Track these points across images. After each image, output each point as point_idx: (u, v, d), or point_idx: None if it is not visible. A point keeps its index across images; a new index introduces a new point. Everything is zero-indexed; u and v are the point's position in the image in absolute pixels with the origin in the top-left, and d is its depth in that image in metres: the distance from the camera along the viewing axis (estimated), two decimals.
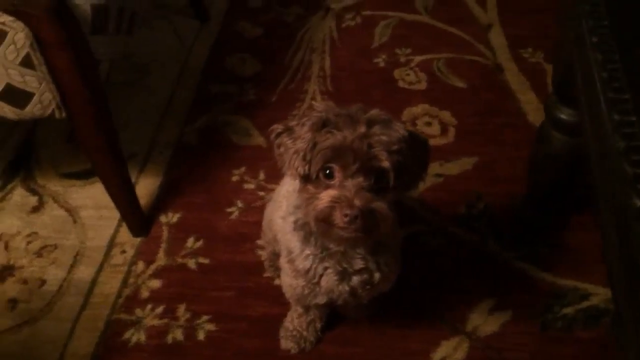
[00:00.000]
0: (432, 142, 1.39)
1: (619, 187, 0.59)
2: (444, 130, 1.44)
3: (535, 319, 1.10)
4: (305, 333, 1.05)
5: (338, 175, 0.72)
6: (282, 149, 0.77)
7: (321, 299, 0.90)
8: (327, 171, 0.73)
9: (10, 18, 0.87)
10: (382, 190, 0.73)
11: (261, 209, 1.15)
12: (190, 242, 1.23)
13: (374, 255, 0.85)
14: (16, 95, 0.94)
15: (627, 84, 0.67)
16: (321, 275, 0.86)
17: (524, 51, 1.63)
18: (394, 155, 0.71)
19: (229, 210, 1.29)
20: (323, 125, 0.73)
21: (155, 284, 1.17)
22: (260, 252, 1.20)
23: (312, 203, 0.73)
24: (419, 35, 1.70)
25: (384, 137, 0.71)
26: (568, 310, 1.11)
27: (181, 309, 1.13)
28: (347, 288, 0.86)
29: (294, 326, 1.06)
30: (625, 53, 0.71)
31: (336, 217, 0.71)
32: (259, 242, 1.21)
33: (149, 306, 1.13)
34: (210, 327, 1.10)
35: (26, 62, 0.90)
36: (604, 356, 1.04)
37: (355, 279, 0.86)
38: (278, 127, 0.78)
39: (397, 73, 1.59)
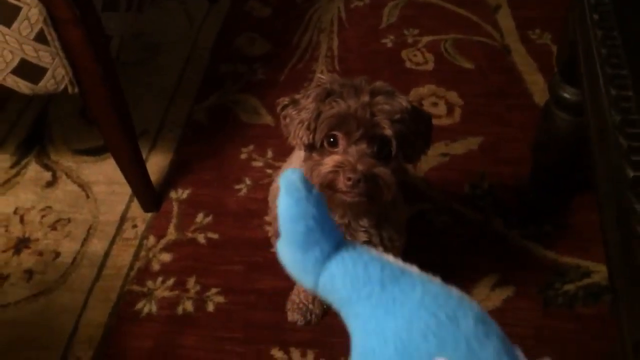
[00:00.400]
0: (438, 122, 1.42)
1: (614, 159, 0.61)
2: (450, 111, 1.45)
3: (537, 295, 1.12)
4: (311, 306, 1.08)
5: (342, 142, 0.74)
6: (287, 120, 0.79)
7: None
8: (332, 139, 0.75)
9: None
10: (385, 158, 0.75)
11: (269, 186, 1.17)
12: (199, 217, 1.26)
13: (378, 229, 0.87)
14: (30, 70, 0.96)
15: (626, 60, 0.68)
16: None
17: (532, 32, 1.63)
18: (396, 124, 0.73)
19: (238, 187, 1.32)
20: (327, 95, 0.75)
21: (166, 257, 1.20)
22: (267, 228, 1.23)
23: (317, 169, 0.75)
24: (427, 16, 1.71)
25: (386, 106, 0.73)
26: (569, 287, 1.13)
27: (191, 282, 1.16)
28: None
29: (301, 299, 1.08)
30: (626, 30, 0.72)
31: (339, 182, 0.73)
32: (267, 218, 1.23)
33: (160, 278, 1.16)
34: (220, 299, 1.13)
35: (40, 38, 0.92)
36: (604, 331, 1.06)
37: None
38: (284, 100, 0.81)
39: (404, 54, 1.60)
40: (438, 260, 1.18)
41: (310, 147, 0.77)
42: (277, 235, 1.12)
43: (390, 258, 0.32)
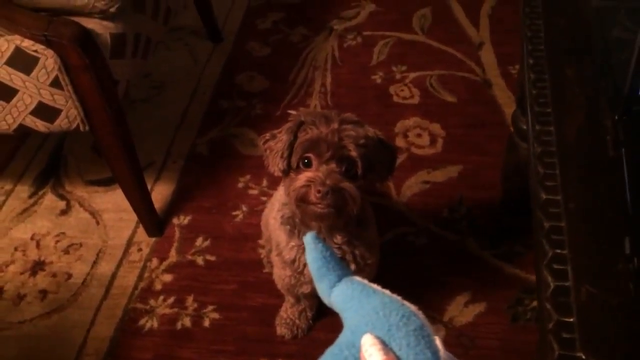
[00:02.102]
0: (421, 152, 1.53)
1: (534, 184, 0.71)
2: (433, 141, 1.56)
3: (507, 310, 1.21)
4: (297, 321, 1.18)
5: (314, 163, 0.85)
6: (267, 152, 0.91)
7: (306, 288, 1.03)
8: (306, 160, 0.86)
9: (42, 46, 1.02)
10: (352, 177, 0.85)
11: (263, 212, 1.28)
12: (199, 241, 1.38)
13: (350, 246, 0.97)
14: (46, 112, 1.09)
15: (552, 100, 0.79)
16: (304, 265, 0.98)
17: (512, 67, 1.74)
18: (361, 148, 0.84)
19: (235, 213, 1.43)
20: (300, 126, 0.86)
21: (167, 277, 1.31)
22: (260, 251, 1.34)
23: (292, 184, 0.86)
24: (415, 53, 1.83)
25: (352, 132, 0.84)
26: (537, 303, 1.22)
27: (189, 300, 1.26)
28: None
29: (288, 315, 1.18)
30: (555, 73, 0.83)
31: (311, 194, 0.84)
32: (260, 241, 1.35)
33: (162, 297, 1.27)
34: (215, 315, 1.24)
35: (55, 83, 1.05)
36: None
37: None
38: (266, 136, 0.93)
39: (392, 89, 1.72)
40: (417, 278, 1.28)
41: (287, 172, 0.88)
42: (268, 257, 1.22)
43: (372, 285, 0.48)
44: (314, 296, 1.13)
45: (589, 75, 0.82)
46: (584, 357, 0.54)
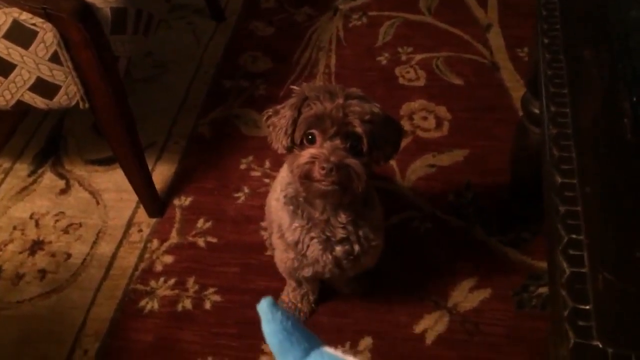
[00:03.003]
0: (427, 135, 1.50)
1: (548, 168, 0.69)
2: (438, 124, 1.54)
3: (512, 297, 1.19)
4: (299, 305, 1.16)
5: (318, 139, 0.83)
6: (271, 128, 0.88)
7: (308, 271, 1.00)
8: (310, 137, 0.83)
9: (41, 20, 1.00)
10: (357, 154, 0.83)
11: (265, 194, 1.26)
12: (200, 223, 1.36)
13: (355, 226, 0.95)
14: (46, 88, 1.07)
15: (567, 81, 0.76)
16: (308, 246, 0.96)
17: (520, 51, 1.71)
18: (366, 124, 0.82)
19: (237, 195, 1.41)
20: (304, 101, 0.84)
21: (168, 259, 1.29)
22: (263, 233, 1.32)
23: (296, 161, 0.84)
24: (421, 34, 1.80)
25: (358, 108, 0.82)
26: (543, 290, 1.20)
27: (190, 282, 1.25)
28: (330, 257, 0.96)
29: (290, 299, 1.17)
30: (571, 54, 0.80)
31: (315, 171, 0.82)
32: (262, 224, 1.33)
33: (162, 278, 1.26)
34: (216, 298, 1.22)
35: (54, 58, 1.03)
36: None
37: (338, 249, 0.96)
38: (269, 111, 0.90)
39: (398, 70, 1.69)
40: (421, 263, 1.26)
41: (291, 147, 0.86)
42: (270, 239, 1.20)
43: (346, 357, 0.42)
44: (316, 279, 1.11)
45: (606, 56, 0.80)
46: (600, 345, 0.52)
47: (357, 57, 1.75)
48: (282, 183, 1.00)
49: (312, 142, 0.84)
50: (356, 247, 0.96)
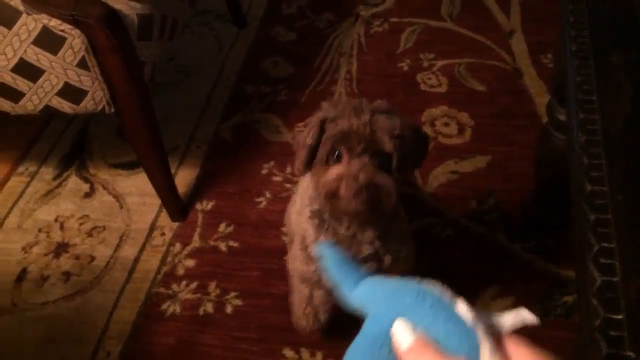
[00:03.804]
0: (449, 141, 1.49)
1: (577, 175, 0.68)
2: (460, 131, 1.53)
3: (536, 305, 1.18)
4: (319, 314, 1.09)
5: (345, 157, 0.79)
6: (295, 146, 0.86)
7: (327, 282, 0.96)
8: (336, 154, 0.80)
9: (69, 26, 1.01)
10: (386, 171, 0.79)
11: (287, 200, 1.26)
12: (222, 227, 1.36)
13: (382, 241, 0.90)
14: (73, 93, 1.08)
15: (596, 87, 0.75)
16: None
17: (544, 57, 1.70)
18: (395, 140, 0.78)
19: (258, 199, 1.41)
20: (325, 121, 0.81)
21: (190, 263, 1.30)
22: (284, 238, 1.32)
23: (322, 179, 0.80)
24: (443, 41, 1.79)
25: (386, 124, 0.78)
26: (568, 298, 1.19)
27: (212, 286, 1.25)
28: None
29: (302, 310, 1.09)
30: (600, 60, 0.79)
31: (342, 190, 0.77)
32: (284, 229, 1.33)
33: (184, 282, 1.26)
34: (238, 302, 1.22)
35: (82, 64, 1.04)
36: None
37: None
38: (300, 128, 0.87)
39: (419, 77, 1.69)
40: (442, 271, 1.24)
41: (314, 164, 0.83)
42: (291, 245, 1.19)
43: (390, 277, 0.49)
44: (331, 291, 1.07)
45: (636, 62, 0.79)
46: (633, 356, 0.51)
47: (378, 63, 1.75)
48: (303, 196, 0.97)
49: (338, 159, 0.80)
50: (386, 259, 0.92)
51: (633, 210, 0.62)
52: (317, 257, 0.92)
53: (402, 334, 0.42)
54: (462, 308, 0.44)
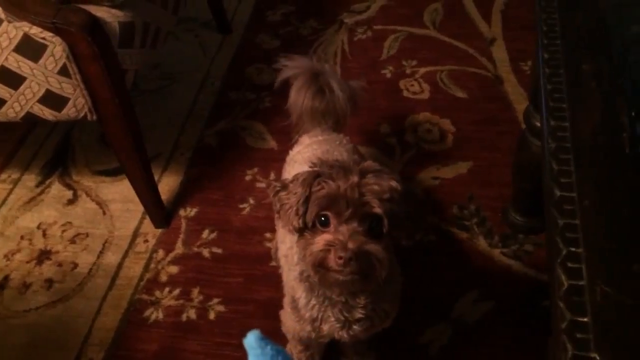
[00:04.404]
0: (431, 147, 1.51)
1: (547, 181, 0.70)
2: (442, 137, 1.55)
3: (516, 309, 1.20)
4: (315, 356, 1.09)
5: (333, 222, 0.74)
6: (279, 205, 0.79)
7: (324, 340, 0.95)
8: (323, 219, 0.75)
9: (50, 34, 1.02)
10: (376, 236, 0.74)
11: (271, 206, 1.27)
12: (205, 233, 1.37)
13: (374, 304, 0.86)
14: (54, 100, 1.09)
15: (567, 95, 0.77)
16: (324, 321, 0.88)
17: (524, 64, 1.72)
18: (385, 203, 0.73)
19: (242, 206, 1.42)
20: (315, 179, 0.76)
21: (173, 269, 1.30)
22: (267, 244, 1.33)
23: (309, 248, 0.75)
24: (426, 48, 1.81)
25: (375, 186, 0.73)
26: (547, 302, 1.20)
27: (195, 292, 1.26)
28: (346, 335, 0.89)
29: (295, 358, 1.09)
30: (571, 68, 0.81)
31: (330, 260, 0.73)
32: (267, 235, 1.34)
33: (167, 289, 1.27)
34: (221, 308, 1.23)
35: (63, 71, 1.04)
36: None
37: (356, 328, 0.88)
38: (277, 186, 0.81)
39: (402, 83, 1.71)
40: (425, 274, 1.27)
41: (301, 230, 0.78)
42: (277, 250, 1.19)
43: None
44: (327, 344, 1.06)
45: (606, 70, 0.80)
46: (598, 357, 0.52)
47: (361, 69, 1.76)
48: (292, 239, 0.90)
49: (325, 224, 0.75)
50: (377, 321, 0.90)
51: (600, 215, 0.64)
52: (312, 320, 0.89)
53: None
54: None
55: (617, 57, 0.81)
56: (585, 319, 0.55)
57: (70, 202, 1.46)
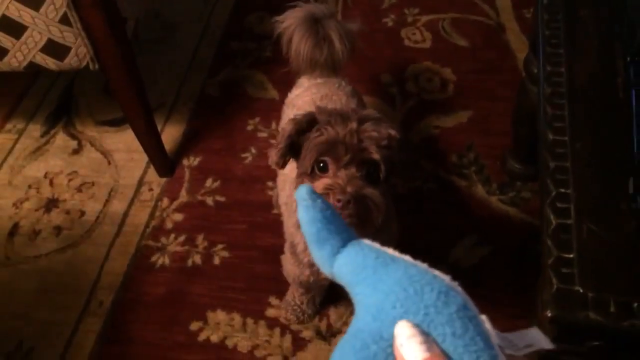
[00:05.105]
0: (432, 96, 1.52)
1: (541, 125, 0.72)
2: (443, 86, 1.55)
3: (512, 253, 1.23)
4: (304, 307, 1.14)
5: (331, 167, 0.75)
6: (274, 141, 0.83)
7: (323, 283, 0.99)
8: (321, 164, 0.76)
9: None
10: (374, 182, 0.75)
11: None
12: (209, 182, 1.39)
13: None
14: (56, 49, 1.09)
15: (564, 41, 0.78)
16: None
17: (527, 11, 1.71)
18: (383, 149, 0.74)
19: (244, 155, 1.44)
20: (310, 121, 0.78)
21: (178, 217, 1.33)
22: (269, 192, 1.36)
23: None
24: None
25: (374, 133, 0.74)
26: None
27: (200, 239, 1.29)
28: None
29: (295, 302, 1.14)
30: (569, 14, 0.82)
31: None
32: (269, 183, 1.36)
33: (173, 235, 1.30)
34: (225, 254, 1.27)
35: (64, 20, 1.04)
36: None
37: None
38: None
39: (404, 32, 1.70)
40: (423, 221, 1.29)
41: (300, 175, 0.79)
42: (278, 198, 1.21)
43: (387, 249, 0.39)
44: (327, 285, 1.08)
45: (604, 16, 0.81)
46: (581, 290, 0.55)
47: (363, 18, 1.75)
48: (290, 185, 0.92)
49: (323, 170, 0.76)
50: None
51: (591, 158, 0.66)
52: (310, 265, 0.91)
53: (414, 347, 0.33)
54: (487, 322, 0.35)
55: (615, 2, 0.82)
56: (571, 255, 0.58)
57: (75, 151, 1.48)
